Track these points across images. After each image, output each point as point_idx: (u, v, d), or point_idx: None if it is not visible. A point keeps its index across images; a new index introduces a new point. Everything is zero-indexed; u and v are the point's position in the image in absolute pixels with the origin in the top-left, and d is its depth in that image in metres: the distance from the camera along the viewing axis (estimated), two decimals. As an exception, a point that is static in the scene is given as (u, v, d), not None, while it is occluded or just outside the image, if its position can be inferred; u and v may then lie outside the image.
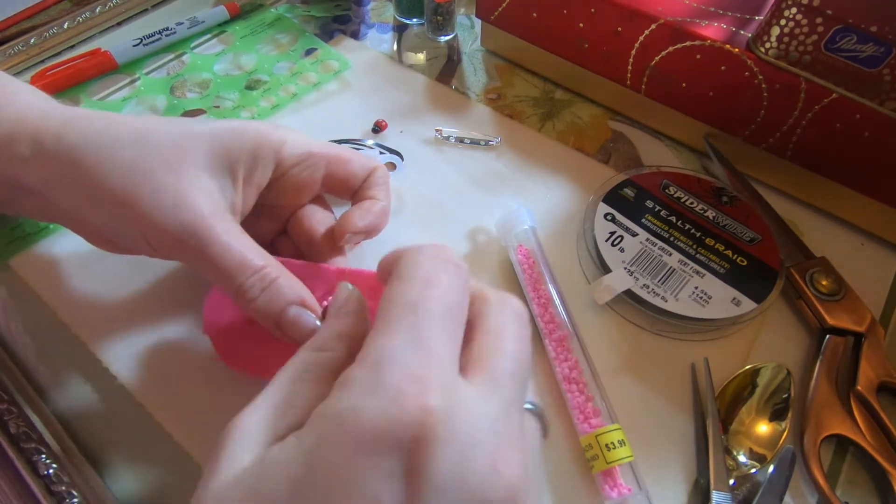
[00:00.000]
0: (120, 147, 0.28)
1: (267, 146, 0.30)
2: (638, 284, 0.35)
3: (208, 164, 0.29)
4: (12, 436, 0.31)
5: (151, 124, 0.29)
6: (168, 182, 0.27)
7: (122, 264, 0.37)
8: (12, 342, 0.35)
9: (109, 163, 0.27)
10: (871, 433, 0.32)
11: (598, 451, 0.30)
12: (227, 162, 0.29)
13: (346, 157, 0.34)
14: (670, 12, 0.39)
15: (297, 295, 0.28)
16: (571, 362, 0.33)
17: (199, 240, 0.27)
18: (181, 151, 0.28)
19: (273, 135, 0.31)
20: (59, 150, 0.28)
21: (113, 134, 0.28)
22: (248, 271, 0.27)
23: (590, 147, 0.45)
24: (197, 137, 0.29)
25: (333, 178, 0.33)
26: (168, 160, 0.28)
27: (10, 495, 0.29)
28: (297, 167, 0.32)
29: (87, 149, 0.28)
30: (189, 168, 0.28)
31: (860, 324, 0.35)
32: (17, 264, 0.37)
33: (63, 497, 0.29)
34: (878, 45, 0.33)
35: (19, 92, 0.31)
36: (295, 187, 0.33)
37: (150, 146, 0.28)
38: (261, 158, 0.30)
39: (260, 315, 0.27)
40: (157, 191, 0.27)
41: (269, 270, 0.27)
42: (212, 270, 0.27)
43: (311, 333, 0.26)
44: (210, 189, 0.28)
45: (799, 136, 0.38)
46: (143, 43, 0.49)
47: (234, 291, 0.27)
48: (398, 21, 0.55)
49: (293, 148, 0.32)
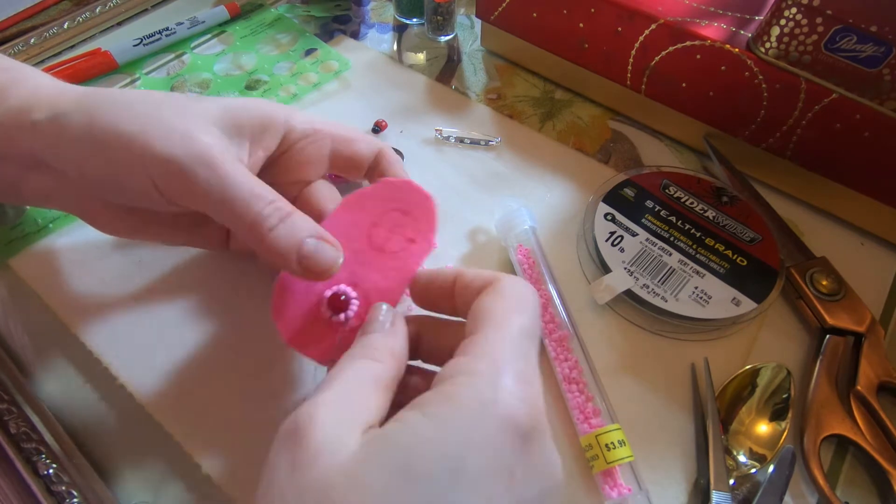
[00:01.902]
0: (136, 104, 0.29)
1: (274, 117, 0.31)
2: (638, 284, 0.35)
3: (217, 124, 0.29)
4: (12, 436, 0.31)
5: (165, 93, 0.30)
6: (178, 123, 0.28)
7: (123, 263, 0.37)
8: (12, 342, 0.35)
9: (125, 115, 0.28)
10: (871, 433, 0.32)
11: (598, 451, 0.30)
12: (236, 126, 0.30)
13: (352, 136, 0.34)
14: (670, 12, 0.39)
15: (313, 227, 0.27)
16: (571, 362, 0.33)
17: (210, 167, 0.27)
18: (193, 110, 0.29)
19: (280, 110, 0.32)
20: (76, 111, 0.28)
21: (129, 97, 0.29)
22: (263, 200, 0.27)
23: (590, 147, 0.45)
24: (207, 106, 0.30)
25: (339, 157, 0.34)
26: (180, 112, 0.29)
27: (10, 495, 0.29)
28: (303, 141, 0.32)
29: (103, 107, 0.28)
30: (200, 119, 0.29)
31: (860, 324, 0.35)
32: (17, 264, 0.37)
33: (63, 497, 0.29)
34: (878, 45, 0.33)
35: (34, 73, 0.32)
36: (302, 162, 0.33)
37: (164, 104, 0.29)
38: (268, 126, 0.31)
39: (279, 247, 0.26)
40: (168, 130, 0.27)
41: (283, 203, 0.27)
42: (225, 204, 0.27)
43: (331, 265, 0.27)
44: (219, 137, 0.29)
45: (799, 136, 0.38)
46: (144, 43, 0.49)
47: (251, 222, 0.27)
48: (398, 21, 0.55)
49: (299, 122, 0.32)
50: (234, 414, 0.32)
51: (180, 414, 0.32)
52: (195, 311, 0.35)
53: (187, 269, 0.37)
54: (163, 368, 0.33)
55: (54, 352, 0.34)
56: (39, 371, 0.34)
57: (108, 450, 0.31)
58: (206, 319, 0.35)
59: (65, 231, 0.39)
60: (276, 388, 0.33)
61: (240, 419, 0.32)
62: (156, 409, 0.32)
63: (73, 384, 0.33)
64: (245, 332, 0.35)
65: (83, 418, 0.32)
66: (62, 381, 0.33)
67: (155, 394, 0.33)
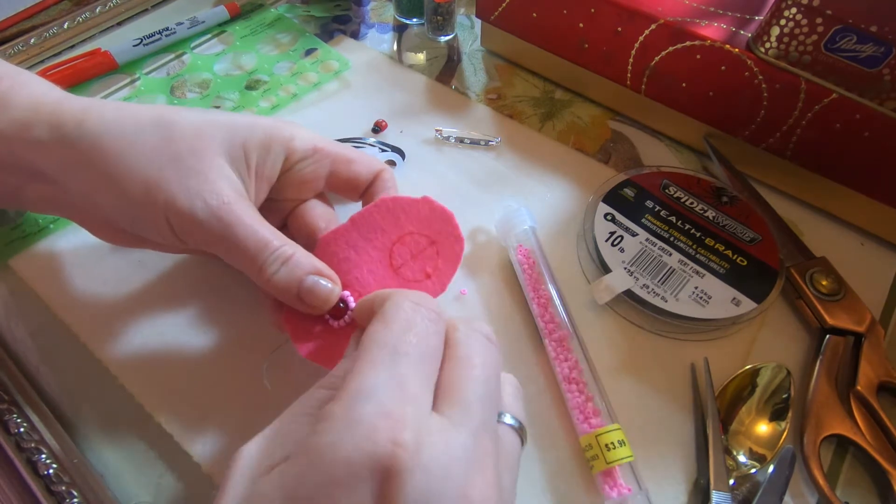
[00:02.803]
0: (143, 132, 0.29)
1: (278, 141, 0.31)
2: (638, 284, 0.35)
3: (227, 153, 0.30)
4: (12, 436, 0.31)
5: (172, 112, 0.30)
6: (192, 167, 0.28)
7: (123, 264, 0.37)
8: (12, 342, 0.35)
9: (133, 148, 0.28)
10: (871, 433, 0.32)
11: (598, 451, 0.30)
12: (242, 153, 0.30)
13: (351, 157, 0.34)
14: (670, 12, 0.39)
15: (312, 266, 0.29)
16: (571, 362, 0.33)
17: (225, 224, 0.28)
18: (203, 139, 0.29)
19: (283, 130, 0.32)
20: (80, 135, 0.28)
21: (134, 120, 0.29)
22: (268, 250, 0.28)
23: (590, 147, 0.45)
24: (216, 127, 0.30)
25: (338, 178, 0.34)
26: (192, 146, 0.29)
27: (10, 495, 0.29)
28: (303, 162, 0.33)
29: (109, 134, 0.28)
30: (212, 155, 0.29)
31: (860, 324, 0.35)
32: (17, 264, 0.37)
33: (63, 497, 0.29)
34: (878, 45, 0.33)
35: (32, 80, 0.31)
36: (299, 182, 0.33)
37: (173, 132, 0.29)
38: (272, 152, 0.31)
39: (280, 288, 0.28)
40: (183, 175, 0.28)
41: (286, 248, 0.29)
42: (235, 252, 0.28)
43: (329, 298, 0.29)
44: (231, 176, 0.29)
45: (799, 136, 0.38)
46: (144, 43, 0.49)
47: (257, 270, 0.28)
48: (398, 21, 0.55)
49: (301, 143, 0.32)
50: (234, 413, 0.32)
51: (180, 413, 0.32)
52: (196, 311, 0.35)
53: (188, 269, 0.37)
54: (163, 368, 0.33)
55: (54, 352, 0.34)
56: (40, 371, 0.34)
57: (108, 450, 0.31)
58: (206, 319, 0.35)
59: (65, 232, 0.39)
60: (277, 387, 0.33)
61: (240, 419, 0.32)
62: (156, 408, 0.32)
63: (73, 384, 0.33)
64: (246, 332, 0.35)
65: (83, 418, 0.32)
66: (62, 381, 0.33)
67: (155, 394, 0.33)
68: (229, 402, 0.32)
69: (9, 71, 0.31)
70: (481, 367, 0.22)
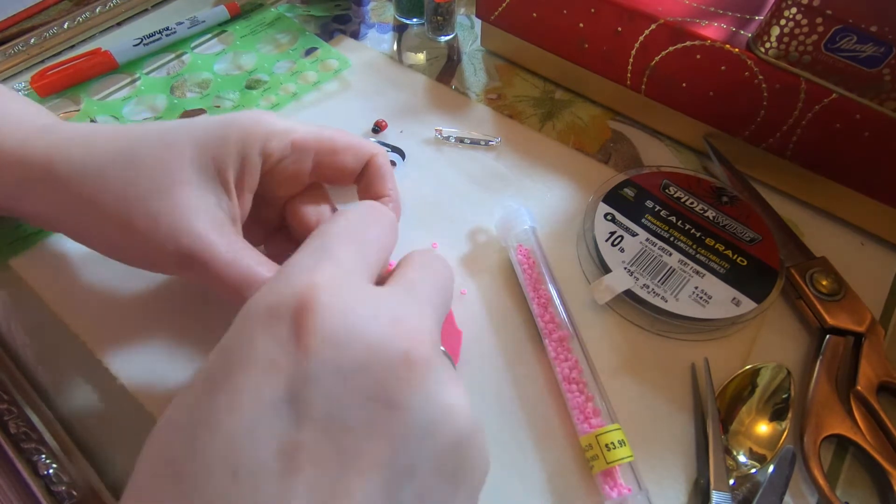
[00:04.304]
0: (107, 173, 0.28)
1: (252, 145, 0.30)
2: (638, 284, 0.35)
3: (198, 175, 0.29)
4: (12, 436, 0.31)
5: (132, 140, 0.29)
6: (160, 207, 0.28)
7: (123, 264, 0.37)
8: (12, 342, 0.35)
9: (100, 190, 0.28)
10: (871, 433, 0.32)
11: (598, 451, 0.30)
12: (216, 169, 0.29)
13: (336, 147, 0.32)
14: (670, 12, 0.39)
15: None
16: (571, 362, 0.33)
17: (200, 262, 0.27)
18: (167, 170, 0.28)
19: (257, 130, 0.30)
20: (48, 180, 0.28)
21: (97, 159, 0.28)
22: (252, 285, 0.28)
23: (590, 147, 0.45)
24: (181, 149, 0.29)
25: (323, 168, 0.32)
26: (157, 183, 0.28)
27: (10, 495, 0.29)
28: (283, 161, 0.31)
29: (75, 178, 0.28)
30: (180, 187, 0.28)
31: (860, 324, 0.35)
32: (18, 264, 0.37)
33: (63, 497, 0.29)
34: (878, 45, 0.33)
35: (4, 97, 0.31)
36: (283, 180, 0.32)
37: (136, 168, 0.28)
38: (248, 160, 0.30)
39: None
40: (151, 217, 0.27)
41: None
42: (218, 287, 0.28)
43: None
44: (206, 204, 0.28)
45: (799, 136, 0.38)
46: (144, 43, 0.49)
47: (238, 301, 0.28)
48: (398, 21, 0.55)
49: (278, 142, 0.31)
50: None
51: (180, 414, 0.32)
52: (196, 311, 0.35)
53: (187, 269, 0.37)
54: (163, 368, 0.33)
55: (54, 352, 0.34)
56: (40, 371, 0.34)
57: (109, 450, 0.31)
58: (207, 319, 0.35)
59: (65, 231, 0.39)
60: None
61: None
62: (156, 408, 0.32)
63: (73, 384, 0.33)
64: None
65: (83, 418, 0.32)
66: (62, 381, 0.33)
67: (155, 394, 0.33)
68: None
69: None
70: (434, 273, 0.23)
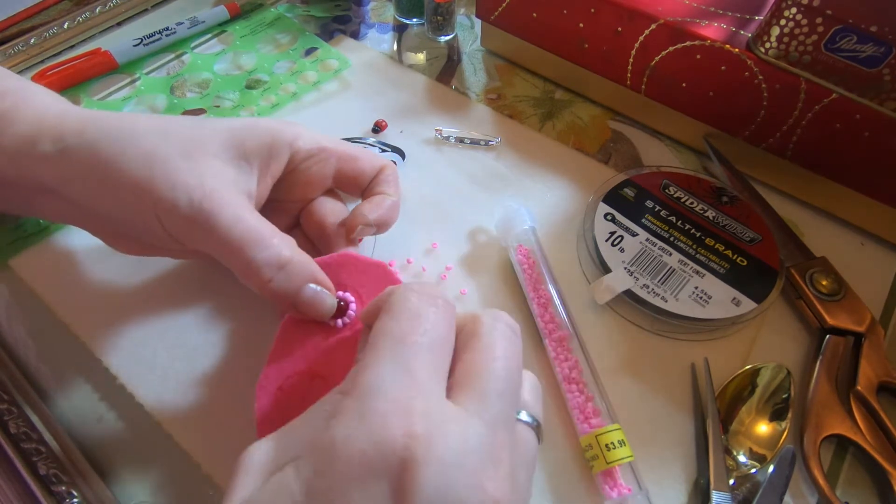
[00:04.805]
0: (139, 137, 0.29)
1: (281, 140, 0.31)
2: (638, 284, 0.35)
3: (225, 153, 0.30)
4: (12, 436, 0.31)
5: (169, 120, 0.30)
6: (181, 165, 0.28)
7: (123, 265, 0.37)
8: (13, 342, 0.35)
9: (128, 152, 0.28)
10: (871, 433, 0.32)
11: (598, 451, 0.30)
12: (243, 153, 0.30)
13: (356, 154, 0.34)
14: (670, 12, 0.39)
15: (310, 273, 0.28)
16: (571, 362, 0.33)
17: (208, 215, 0.27)
18: (198, 142, 0.29)
19: (286, 130, 0.32)
20: (80, 144, 0.28)
21: (131, 128, 0.29)
22: (259, 245, 0.27)
23: (590, 147, 0.45)
24: (214, 131, 0.30)
25: (343, 175, 0.34)
26: (185, 148, 0.29)
27: (10, 495, 0.29)
28: (309, 161, 0.33)
29: (107, 141, 0.28)
30: (205, 156, 0.29)
31: (860, 324, 0.35)
32: (18, 264, 0.37)
33: (63, 497, 0.29)
34: (878, 45, 0.33)
35: (36, 94, 0.32)
36: (306, 181, 0.33)
37: (168, 136, 0.29)
38: (275, 151, 0.31)
39: (277, 296, 0.28)
40: (171, 172, 0.28)
41: (281, 249, 0.28)
42: (224, 247, 0.28)
43: (329, 311, 0.29)
44: (225, 173, 0.29)
45: (799, 136, 0.38)
46: (144, 43, 0.49)
47: (248, 269, 0.28)
48: (398, 21, 0.55)
49: (306, 143, 0.32)
50: (235, 413, 0.32)
51: (180, 414, 0.32)
52: (197, 311, 0.35)
53: (189, 268, 0.37)
54: (163, 368, 0.33)
55: (55, 352, 0.34)
56: (40, 371, 0.34)
57: (108, 450, 0.31)
58: (207, 319, 0.35)
59: (65, 232, 0.39)
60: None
61: (241, 418, 0.32)
62: (156, 409, 0.32)
63: (73, 384, 0.33)
64: (247, 331, 0.35)
65: (83, 418, 0.32)
66: (62, 381, 0.33)
67: (155, 394, 0.33)
68: (231, 401, 0.32)
69: (13, 86, 0.32)
70: (503, 360, 0.22)
